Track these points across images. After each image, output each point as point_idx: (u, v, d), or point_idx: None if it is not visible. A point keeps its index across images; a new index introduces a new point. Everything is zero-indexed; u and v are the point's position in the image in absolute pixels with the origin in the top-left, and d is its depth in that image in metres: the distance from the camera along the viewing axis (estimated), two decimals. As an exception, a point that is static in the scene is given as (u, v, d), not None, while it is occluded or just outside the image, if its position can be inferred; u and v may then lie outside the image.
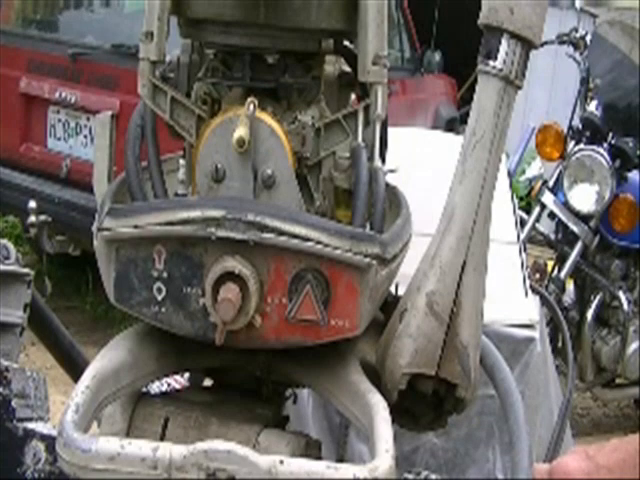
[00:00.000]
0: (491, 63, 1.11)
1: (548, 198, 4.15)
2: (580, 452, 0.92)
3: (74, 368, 1.83)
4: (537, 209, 4.17)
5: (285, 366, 1.19)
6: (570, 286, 4.27)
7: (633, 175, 4.17)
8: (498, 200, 1.16)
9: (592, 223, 4.08)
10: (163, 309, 1.07)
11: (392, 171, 1.32)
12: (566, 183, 4.09)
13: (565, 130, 4.27)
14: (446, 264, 1.12)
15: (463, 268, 1.12)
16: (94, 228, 1.10)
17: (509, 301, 2.29)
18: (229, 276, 1.04)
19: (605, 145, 4.11)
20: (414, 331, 1.13)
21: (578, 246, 4.06)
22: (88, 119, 4.78)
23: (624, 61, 4.15)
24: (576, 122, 4.28)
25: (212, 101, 1.19)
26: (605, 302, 4.19)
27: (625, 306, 4.11)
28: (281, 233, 1.04)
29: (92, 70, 4.82)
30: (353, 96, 1.29)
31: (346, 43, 1.28)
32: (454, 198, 1.13)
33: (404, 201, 1.28)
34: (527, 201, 5.26)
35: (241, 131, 1.09)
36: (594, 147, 4.09)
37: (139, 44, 1.17)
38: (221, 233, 1.04)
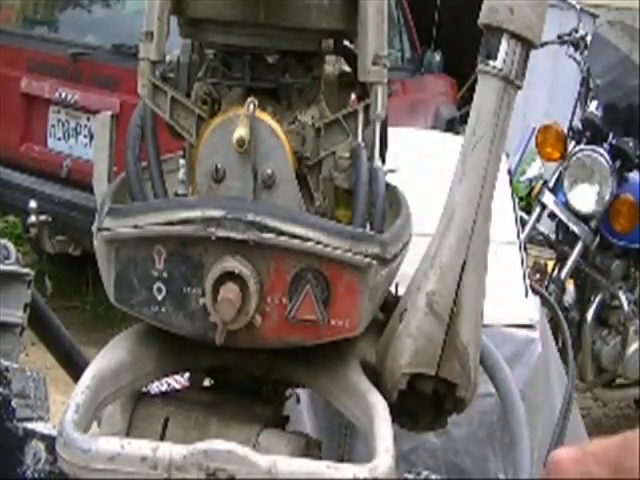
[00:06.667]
0: (491, 63, 1.12)
1: (548, 198, 4.14)
2: (576, 446, 0.94)
3: (74, 368, 1.83)
4: (537, 209, 4.17)
5: (285, 366, 1.19)
6: (570, 286, 4.26)
7: (633, 175, 4.17)
8: (498, 200, 1.17)
9: (592, 223, 4.07)
10: (163, 309, 1.08)
11: (392, 171, 1.32)
12: (566, 183, 4.08)
13: (565, 130, 4.26)
14: (446, 264, 1.13)
15: (463, 268, 1.12)
16: (94, 228, 1.10)
17: (509, 301, 2.28)
18: (229, 276, 1.04)
19: (605, 145, 4.10)
20: (414, 331, 1.13)
21: (578, 246, 4.06)
22: (88, 119, 4.78)
23: (624, 61, 4.14)
24: (576, 122, 4.27)
25: (212, 101, 1.19)
26: (605, 302, 4.19)
27: (625, 306, 4.10)
28: (281, 233, 1.04)
29: (92, 70, 4.82)
30: (353, 96, 1.29)
31: (346, 43, 1.28)
32: (454, 198, 1.13)
33: (404, 201, 1.28)
34: (527, 201, 5.25)
35: (241, 131, 1.09)
36: (594, 147, 4.09)
37: (139, 44, 1.17)
38: (221, 233, 1.04)
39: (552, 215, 4.19)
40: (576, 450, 0.90)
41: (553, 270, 4.21)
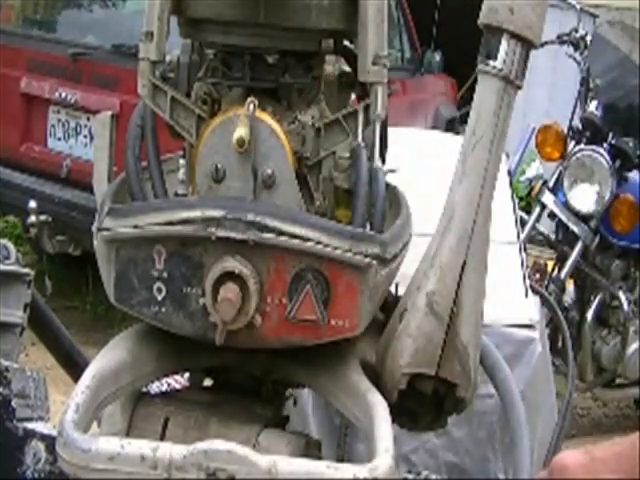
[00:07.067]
0: (491, 63, 1.12)
1: (548, 198, 4.14)
2: (581, 449, 0.93)
3: (74, 368, 1.83)
4: (537, 209, 4.17)
5: (285, 366, 1.19)
6: (570, 286, 4.26)
7: (633, 175, 4.17)
8: (498, 200, 1.17)
9: (592, 223, 4.07)
10: (163, 309, 1.08)
11: (392, 171, 1.32)
12: (566, 183, 4.08)
13: (565, 130, 4.26)
14: (446, 264, 1.12)
15: (463, 268, 1.12)
16: (94, 228, 1.10)
17: (509, 301, 2.28)
18: (229, 276, 1.04)
19: (605, 145, 4.10)
20: (414, 331, 1.13)
21: (578, 246, 4.06)
22: (88, 119, 4.78)
23: (624, 61, 4.14)
24: (576, 122, 4.27)
25: (212, 101, 1.19)
26: (605, 302, 4.19)
27: (625, 306, 4.10)
28: (281, 233, 1.04)
29: (92, 70, 4.82)
30: (353, 96, 1.29)
31: (346, 43, 1.28)
32: (454, 198, 1.13)
33: (404, 201, 1.28)
34: (527, 201, 5.26)
35: (241, 131, 1.09)
36: (594, 147, 4.09)
37: (139, 44, 1.17)
38: (221, 233, 1.04)
39: (552, 215, 4.19)
40: (584, 455, 0.90)
41: (553, 270, 4.21)
